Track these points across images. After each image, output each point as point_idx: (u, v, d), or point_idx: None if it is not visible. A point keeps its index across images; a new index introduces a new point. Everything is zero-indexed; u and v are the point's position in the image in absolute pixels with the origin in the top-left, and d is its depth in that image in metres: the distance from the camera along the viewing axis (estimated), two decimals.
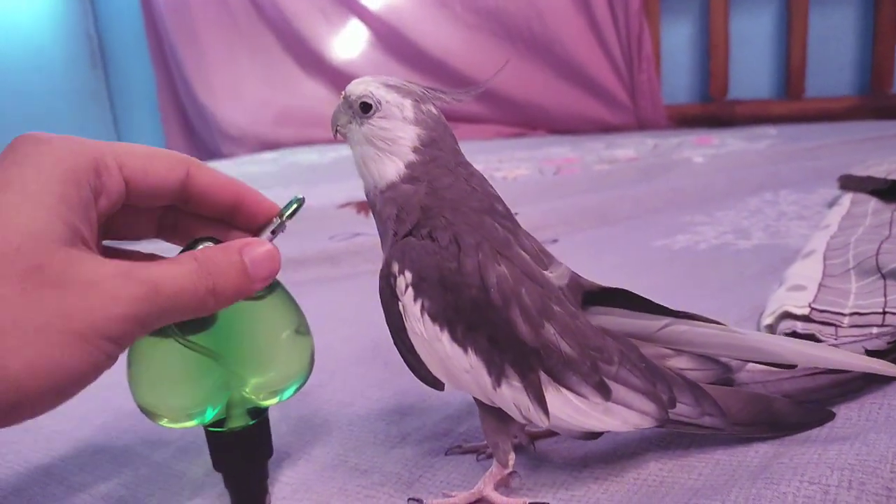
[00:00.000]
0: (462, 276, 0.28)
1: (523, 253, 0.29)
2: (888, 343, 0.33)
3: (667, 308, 0.31)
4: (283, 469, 0.34)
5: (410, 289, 0.28)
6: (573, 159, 1.18)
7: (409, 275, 0.28)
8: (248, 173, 1.43)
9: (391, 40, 1.74)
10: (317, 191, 1.13)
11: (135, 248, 0.30)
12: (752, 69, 1.54)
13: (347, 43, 1.80)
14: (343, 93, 0.30)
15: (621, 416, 0.28)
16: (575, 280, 0.31)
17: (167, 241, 0.31)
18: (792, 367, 0.31)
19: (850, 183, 0.68)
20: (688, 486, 0.29)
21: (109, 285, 0.23)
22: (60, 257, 0.23)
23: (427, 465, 0.33)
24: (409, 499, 0.31)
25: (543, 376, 0.28)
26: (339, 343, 0.50)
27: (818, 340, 0.37)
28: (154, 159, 0.28)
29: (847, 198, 0.64)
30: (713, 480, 0.29)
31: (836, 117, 1.40)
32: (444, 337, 0.28)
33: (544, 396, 0.28)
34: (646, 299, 0.31)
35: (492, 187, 0.31)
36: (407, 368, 0.29)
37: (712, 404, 0.29)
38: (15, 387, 0.22)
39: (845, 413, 0.32)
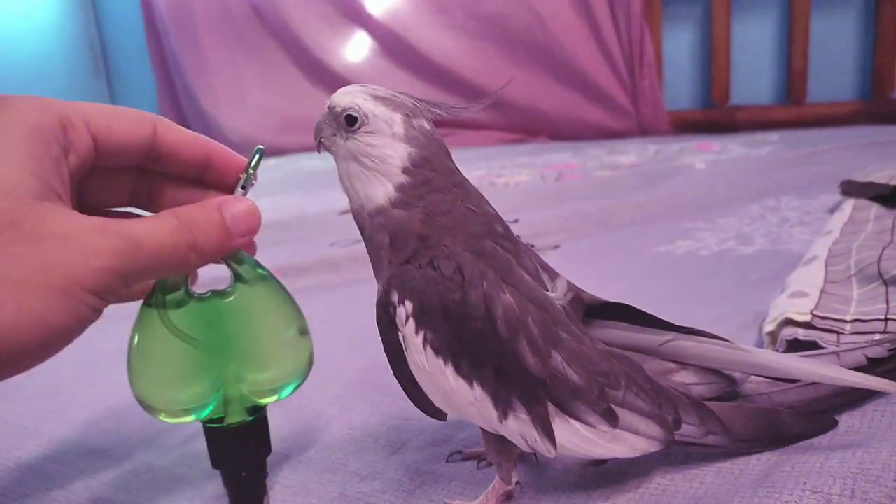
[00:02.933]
0: (467, 308, 0.26)
1: (526, 276, 0.28)
2: (889, 350, 0.33)
3: (669, 323, 0.30)
4: (284, 471, 0.34)
5: (412, 320, 0.27)
6: (575, 165, 1.18)
7: (409, 305, 0.27)
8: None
9: (394, 47, 1.74)
10: (319, 197, 1.13)
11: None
12: (753, 75, 1.54)
13: (350, 50, 1.81)
14: (328, 102, 0.29)
15: (628, 442, 0.28)
16: (576, 295, 0.30)
17: (142, 208, 0.31)
18: (795, 381, 0.31)
19: (851, 189, 0.68)
20: (690, 495, 0.29)
21: (88, 238, 0.23)
22: (35, 212, 0.23)
23: (428, 471, 0.33)
24: None
25: (551, 407, 0.27)
26: (340, 348, 0.50)
27: (819, 347, 0.37)
28: (119, 117, 0.28)
29: (849, 204, 0.64)
30: (715, 489, 0.29)
31: (838, 122, 1.40)
32: (449, 370, 0.27)
33: (552, 428, 0.27)
34: (647, 313, 0.30)
35: (489, 205, 0.30)
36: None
37: (716, 422, 0.29)
38: (0, 340, 0.22)
39: (847, 421, 0.32)
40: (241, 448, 0.30)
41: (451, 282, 0.27)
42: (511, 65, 1.62)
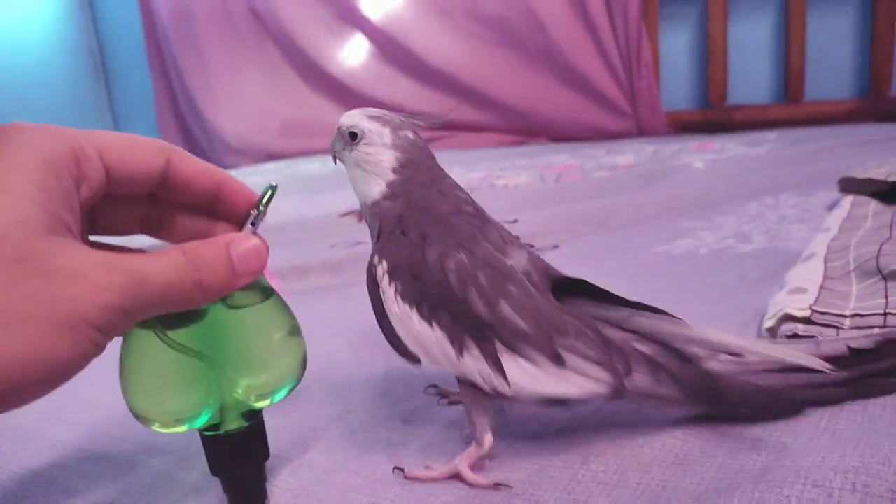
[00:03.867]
0: (427, 264, 0.32)
1: (486, 244, 0.33)
2: (876, 342, 0.33)
3: (626, 299, 0.34)
4: (284, 475, 0.34)
5: (387, 275, 0.33)
6: (574, 166, 1.19)
7: (385, 264, 0.33)
8: (250, 184, 1.43)
9: (393, 51, 1.75)
10: (318, 200, 1.13)
11: (121, 244, 0.30)
12: (750, 74, 1.54)
13: (350, 54, 1.81)
14: (339, 122, 0.35)
15: (576, 382, 0.31)
16: (543, 268, 0.34)
17: (152, 236, 0.31)
18: (739, 356, 0.33)
19: (850, 185, 0.68)
20: (691, 491, 0.29)
21: (96, 274, 0.23)
22: (45, 246, 0.23)
23: (424, 488, 0.33)
24: (394, 468, 0.33)
25: (500, 346, 0.31)
26: (340, 351, 0.50)
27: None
28: (134, 146, 0.28)
29: (847, 200, 0.64)
30: (716, 484, 0.29)
31: (836, 121, 1.40)
32: (414, 315, 0.32)
33: (502, 364, 0.31)
34: (606, 290, 0.34)
35: (464, 192, 0.35)
36: (410, 377, 0.33)
37: (669, 376, 0.31)
38: (3, 376, 0.22)
39: (849, 415, 0.32)
40: (240, 454, 0.30)
41: (415, 245, 0.32)
42: (509, 67, 1.62)
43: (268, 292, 0.30)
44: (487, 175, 1.17)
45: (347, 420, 0.39)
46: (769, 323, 0.40)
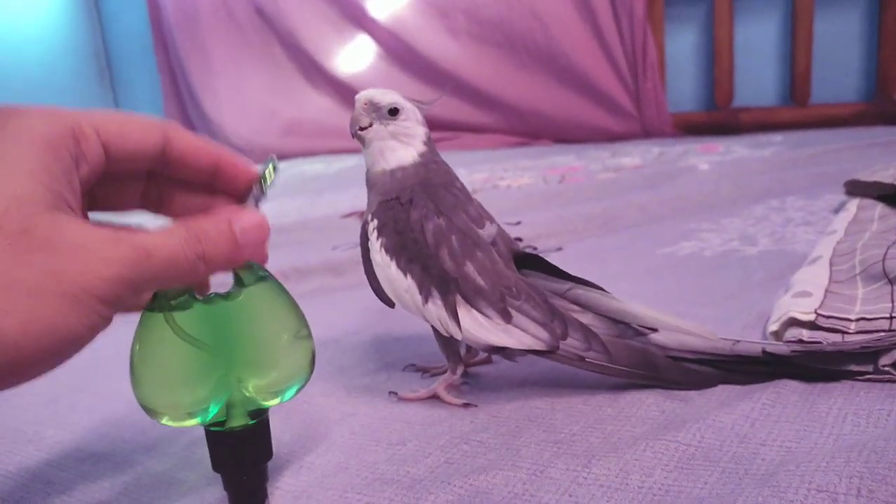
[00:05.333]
0: (409, 223, 0.38)
1: (464, 215, 0.39)
2: (792, 352, 0.36)
3: (571, 275, 0.40)
4: (284, 477, 0.34)
5: (375, 231, 0.38)
6: (578, 168, 1.18)
7: (376, 221, 0.39)
8: None
9: (397, 52, 1.75)
10: (321, 201, 1.13)
11: (120, 222, 0.30)
12: (757, 76, 1.53)
13: (354, 55, 1.81)
14: (364, 99, 0.39)
15: (517, 336, 0.37)
16: (509, 243, 0.40)
17: (152, 212, 0.31)
18: (654, 330, 0.38)
19: (856, 188, 0.67)
20: (694, 495, 0.28)
21: (99, 247, 0.23)
22: (47, 220, 0.23)
23: (427, 476, 0.33)
24: (389, 392, 0.41)
25: (459, 299, 0.37)
26: (342, 353, 0.50)
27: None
28: (130, 123, 0.28)
29: (853, 203, 0.63)
30: (719, 489, 0.28)
31: (842, 124, 1.39)
32: (393, 265, 0.38)
33: (458, 314, 0.37)
34: (555, 266, 0.40)
35: (454, 172, 0.41)
36: (411, 380, 0.39)
37: (600, 344, 0.37)
38: (12, 347, 0.22)
39: (853, 420, 0.31)
40: (243, 451, 0.30)
41: (402, 207, 0.38)
42: (513, 68, 1.62)
43: (276, 287, 0.30)
44: (490, 176, 1.16)
45: (348, 423, 0.39)
46: (773, 327, 0.39)
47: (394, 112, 0.39)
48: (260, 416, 0.30)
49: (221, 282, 0.30)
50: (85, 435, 0.41)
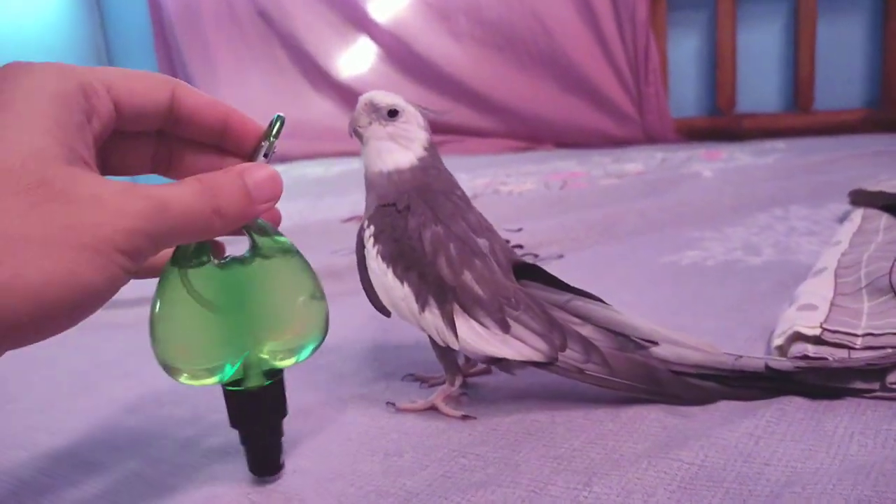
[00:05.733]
0: (406, 231, 0.37)
1: (464, 223, 0.38)
2: (796, 367, 0.35)
3: (570, 286, 0.40)
4: (278, 479, 0.34)
5: (372, 238, 0.38)
6: (580, 173, 1.18)
7: (372, 228, 0.38)
8: None
9: (399, 55, 1.74)
10: (322, 204, 1.13)
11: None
12: (760, 82, 1.53)
13: (356, 58, 1.80)
14: (365, 100, 0.39)
15: (516, 347, 0.36)
16: (508, 252, 0.40)
17: (163, 175, 0.32)
18: (654, 343, 0.37)
19: (861, 198, 0.67)
20: None
21: (116, 199, 0.24)
22: (63, 173, 0.23)
23: (425, 487, 0.32)
24: (387, 402, 0.40)
25: (457, 308, 0.36)
26: (340, 362, 0.49)
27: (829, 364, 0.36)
28: (139, 79, 0.28)
29: (858, 213, 0.63)
30: None
31: (846, 130, 1.39)
32: (389, 273, 0.37)
33: (455, 324, 0.36)
34: (554, 277, 0.40)
35: (455, 180, 0.41)
36: (408, 390, 0.39)
37: (600, 357, 0.36)
38: (34, 297, 0.22)
39: (860, 440, 0.31)
40: (260, 410, 0.31)
41: (400, 214, 0.38)
42: (515, 72, 1.62)
43: (291, 251, 0.31)
44: (492, 181, 1.16)
45: (345, 431, 0.39)
46: (778, 341, 0.38)
47: (393, 114, 0.38)
48: (276, 376, 0.31)
49: (237, 248, 0.30)
50: (77, 441, 0.40)
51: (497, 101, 1.64)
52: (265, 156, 0.30)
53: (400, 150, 0.39)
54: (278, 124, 0.31)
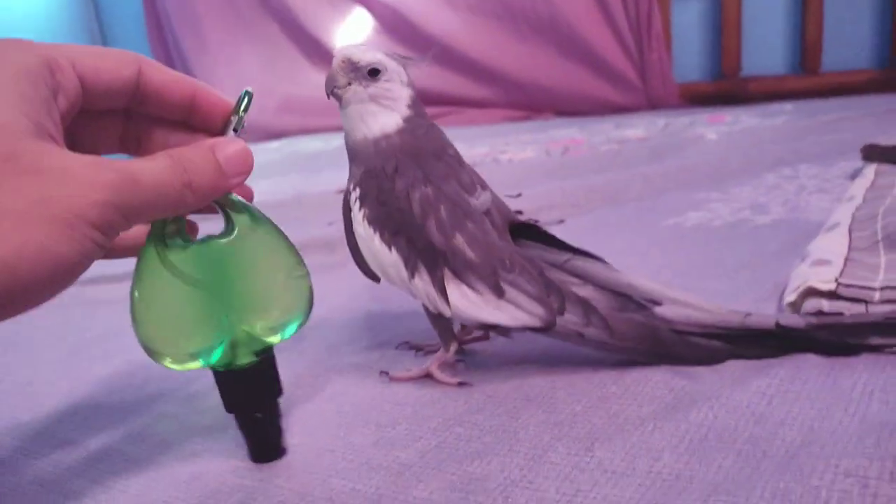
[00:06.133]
0: (394, 193, 0.35)
1: (455, 184, 0.36)
2: (807, 324, 0.33)
3: (570, 245, 0.37)
4: (262, 468, 0.32)
5: (358, 201, 0.36)
6: (581, 140, 1.15)
7: (358, 191, 0.36)
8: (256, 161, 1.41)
9: (395, 25, 1.71)
10: (319, 178, 1.10)
11: None
12: (765, 44, 1.49)
13: (351, 30, 1.77)
14: (341, 57, 0.35)
15: (510, 313, 0.34)
16: (505, 212, 0.38)
17: (132, 153, 0.31)
18: (657, 303, 0.35)
19: (873, 153, 0.64)
20: (707, 481, 0.26)
21: (86, 172, 0.23)
22: (32, 147, 0.23)
23: (419, 459, 0.30)
24: (381, 371, 0.39)
25: (448, 273, 0.34)
26: (333, 332, 0.47)
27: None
28: (105, 56, 0.28)
29: (871, 169, 0.60)
30: (735, 474, 0.26)
31: (855, 92, 1.35)
32: (376, 237, 0.35)
33: (446, 290, 0.34)
34: (553, 236, 0.38)
35: (446, 136, 0.38)
36: (403, 358, 0.38)
37: (600, 320, 0.34)
38: (8, 272, 0.22)
39: (881, 397, 0.29)
40: (253, 389, 0.31)
41: (387, 175, 0.35)
42: (514, 40, 1.58)
43: (269, 227, 0.30)
44: (491, 150, 1.13)
45: (337, 402, 0.37)
46: (791, 297, 0.36)
47: (374, 73, 0.35)
48: (265, 354, 0.30)
49: (212, 227, 0.29)
50: (60, 419, 0.39)
51: (496, 70, 1.60)
52: (235, 130, 0.30)
53: (384, 112, 0.35)
54: (246, 99, 0.30)
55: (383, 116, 0.35)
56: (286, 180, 1.13)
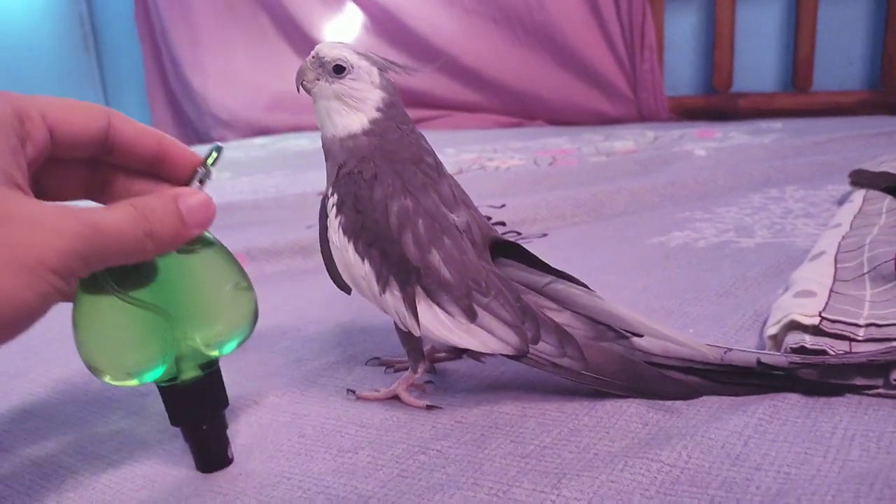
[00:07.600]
0: (371, 202, 0.33)
1: (434, 196, 0.34)
2: (790, 363, 0.32)
3: (552, 267, 0.36)
4: (219, 482, 0.31)
5: (335, 208, 0.34)
6: (570, 150, 1.14)
7: (335, 197, 0.35)
8: (236, 158, 1.39)
9: (387, 25, 1.69)
10: (301, 178, 1.08)
11: None
12: (757, 61, 1.48)
13: (343, 28, 1.75)
14: (313, 52, 0.35)
15: (481, 338, 0.33)
16: (486, 228, 0.36)
17: (96, 200, 0.31)
18: (638, 335, 0.34)
19: (862, 179, 0.63)
20: None
21: (52, 220, 0.24)
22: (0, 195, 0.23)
23: (378, 489, 0.29)
24: (347, 390, 0.37)
25: (419, 291, 0.33)
26: (301, 344, 0.46)
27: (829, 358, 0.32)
28: (75, 108, 0.28)
29: (859, 194, 0.59)
30: None
31: (845, 112, 1.35)
32: (350, 248, 0.34)
33: (416, 308, 0.33)
34: (535, 257, 0.36)
35: (428, 144, 0.37)
36: (375, 375, 0.37)
37: (576, 350, 0.33)
38: None
39: (861, 443, 0.27)
40: (198, 403, 0.31)
41: (365, 183, 0.34)
42: (508, 46, 1.57)
43: (212, 243, 0.31)
44: (479, 157, 1.12)
45: (298, 425, 0.35)
46: (772, 330, 0.35)
47: (339, 70, 0.34)
48: (210, 367, 0.31)
49: None
50: (26, 397, 0.37)
51: (488, 76, 1.59)
52: (200, 182, 0.30)
53: (348, 112, 0.35)
54: (215, 153, 0.31)
55: (348, 116, 0.35)
56: (269, 178, 1.11)
